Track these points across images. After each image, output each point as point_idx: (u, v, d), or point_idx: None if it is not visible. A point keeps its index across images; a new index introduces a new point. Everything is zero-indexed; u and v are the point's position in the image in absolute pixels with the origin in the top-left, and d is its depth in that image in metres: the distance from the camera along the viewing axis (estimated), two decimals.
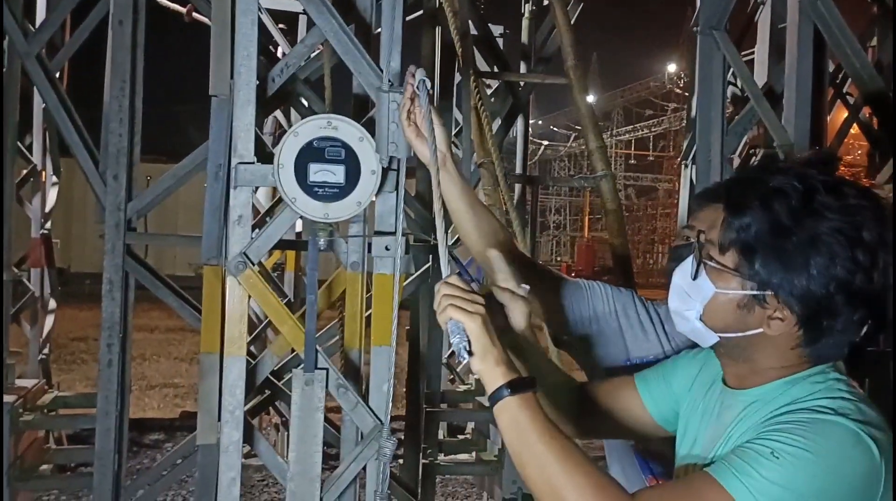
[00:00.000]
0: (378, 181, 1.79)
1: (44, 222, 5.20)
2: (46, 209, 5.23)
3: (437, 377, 4.76)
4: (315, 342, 1.87)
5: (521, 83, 4.64)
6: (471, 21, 4.11)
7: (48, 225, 5.24)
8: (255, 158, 1.87)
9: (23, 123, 4.72)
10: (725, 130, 3.36)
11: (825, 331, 1.21)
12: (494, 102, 4.68)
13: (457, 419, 5.45)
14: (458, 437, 5.67)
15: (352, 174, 1.77)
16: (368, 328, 2.00)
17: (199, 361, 2.46)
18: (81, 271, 17.29)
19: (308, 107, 4.18)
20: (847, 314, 1.19)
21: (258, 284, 1.86)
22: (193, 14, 5.59)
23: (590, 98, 3.87)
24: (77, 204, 17.68)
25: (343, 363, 2.04)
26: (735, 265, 1.23)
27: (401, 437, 4.07)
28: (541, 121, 43.49)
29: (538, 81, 4.60)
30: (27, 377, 4.73)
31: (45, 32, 3.78)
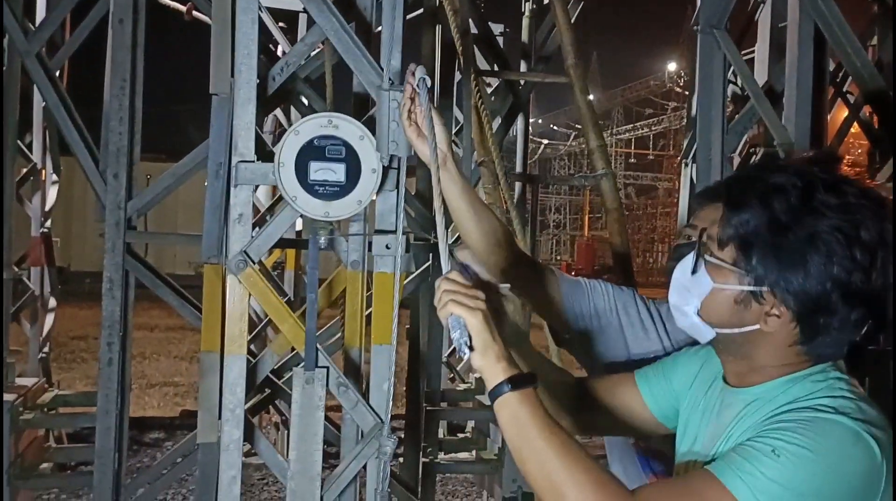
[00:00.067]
0: (379, 180, 1.79)
1: (44, 220, 5.20)
2: (46, 208, 5.23)
3: (438, 376, 4.76)
4: (315, 340, 1.87)
5: (522, 82, 4.64)
6: (471, 20, 4.11)
7: (48, 224, 5.24)
8: (256, 156, 1.87)
9: (23, 121, 4.72)
10: (726, 128, 3.36)
11: (822, 329, 1.21)
12: (495, 100, 4.68)
13: (457, 417, 5.45)
14: (459, 436, 5.68)
15: (352, 173, 1.77)
16: (369, 327, 2.00)
17: (200, 359, 2.46)
18: (81, 270, 17.33)
19: (308, 105, 4.18)
20: (844, 312, 1.19)
21: (259, 282, 1.86)
22: (194, 13, 5.58)
23: (590, 97, 3.87)
24: (77, 203, 17.67)
25: (343, 361, 2.04)
26: (733, 261, 1.24)
27: (401, 436, 4.08)
28: (541, 120, 43.48)
29: (538, 79, 4.60)
30: (27, 376, 4.72)
31: (46, 31, 3.78)
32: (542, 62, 4.76)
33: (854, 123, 5.15)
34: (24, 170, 5.08)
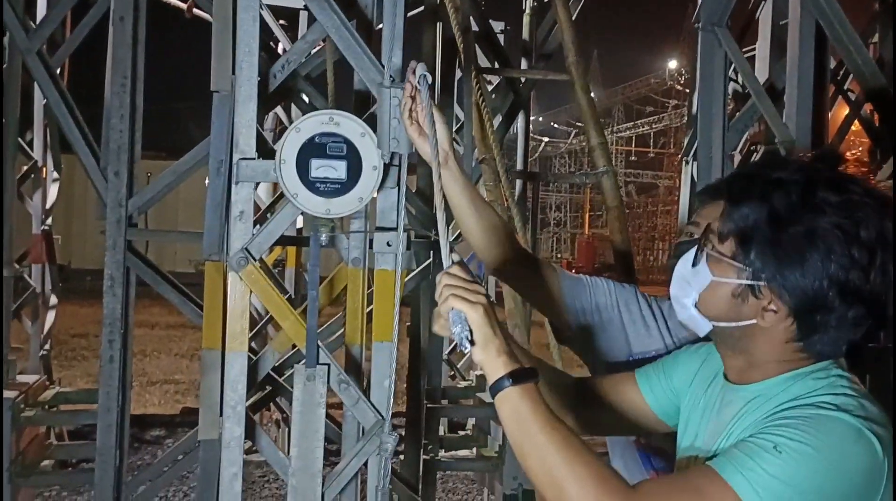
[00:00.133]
0: (380, 177, 1.79)
1: (45, 218, 5.20)
2: (47, 206, 5.24)
3: (438, 374, 4.77)
4: (316, 337, 1.87)
5: (522, 80, 4.64)
6: (472, 17, 4.11)
7: (49, 221, 5.25)
8: (257, 153, 1.87)
9: (24, 119, 4.73)
10: (726, 126, 3.36)
11: (819, 326, 1.21)
12: (495, 98, 4.68)
13: (457, 415, 5.46)
14: (459, 433, 5.69)
15: (353, 170, 1.77)
16: (370, 324, 2.00)
17: (201, 357, 2.46)
18: (82, 268, 17.33)
19: (309, 103, 4.18)
20: (842, 310, 1.19)
21: (260, 279, 1.86)
22: (194, 10, 5.58)
23: (591, 94, 3.86)
24: (78, 200, 17.67)
25: (344, 358, 2.04)
26: (732, 254, 1.24)
27: (402, 433, 4.08)
28: (542, 117, 43.50)
29: (539, 77, 4.60)
30: (28, 373, 4.73)
31: (46, 29, 3.78)
32: (543, 60, 4.76)
33: (855, 121, 5.15)
34: (25, 167, 5.09)
